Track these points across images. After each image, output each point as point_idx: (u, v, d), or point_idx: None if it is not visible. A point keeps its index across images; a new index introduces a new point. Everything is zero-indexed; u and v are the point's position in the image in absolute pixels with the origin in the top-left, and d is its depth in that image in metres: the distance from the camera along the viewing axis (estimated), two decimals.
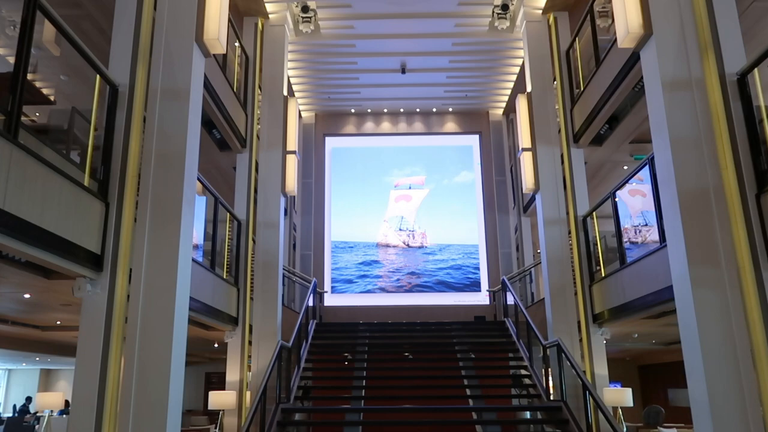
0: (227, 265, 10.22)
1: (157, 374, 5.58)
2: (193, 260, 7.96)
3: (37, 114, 7.36)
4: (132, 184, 6.33)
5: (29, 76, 4.90)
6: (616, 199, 9.65)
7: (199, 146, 6.84)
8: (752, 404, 5.48)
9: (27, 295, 7.89)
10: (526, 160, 11.23)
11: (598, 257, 10.38)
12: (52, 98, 8.58)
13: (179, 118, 6.41)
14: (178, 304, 5.86)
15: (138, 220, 6.13)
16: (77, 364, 5.71)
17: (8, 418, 17.15)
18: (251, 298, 10.41)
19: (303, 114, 16.49)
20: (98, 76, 6.17)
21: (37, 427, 9.43)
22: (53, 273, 5.81)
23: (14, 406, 21.09)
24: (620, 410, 9.20)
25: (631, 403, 9.06)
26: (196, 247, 8.91)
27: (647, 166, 8.02)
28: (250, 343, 9.99)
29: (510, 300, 11.82)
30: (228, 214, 10.28)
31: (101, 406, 5.59)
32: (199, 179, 8.31)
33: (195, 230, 8.78)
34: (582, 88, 10.54)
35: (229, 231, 10.46)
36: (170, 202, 6.14)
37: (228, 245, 10.36)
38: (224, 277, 9.87)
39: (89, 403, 5.58)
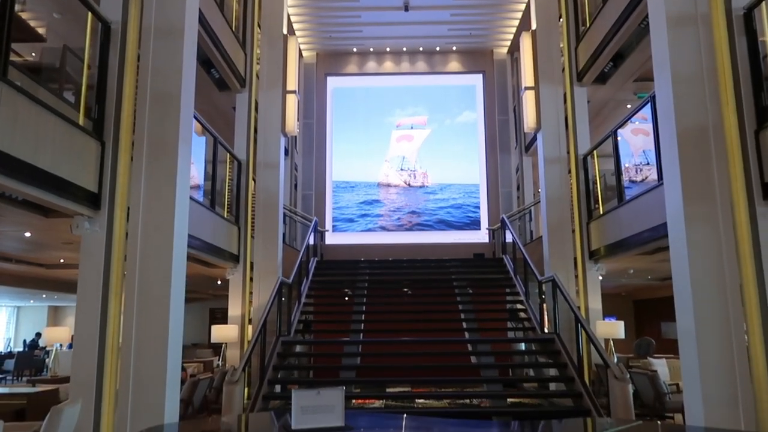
0: (228, 204, 10.31)
1: (157, 310, 5.73)
2: (193, 199, 8.04)
3: (33, 54, 7.25)
4: (127, 123, 6.30)
5: (21, 15, 4.80)
6: (618, 138, 9.63)
7: (196, 85, 6.77)
8: (737, 336, 5.63)
9: (27, 234, 8.02)
10: (528, 99, 11.14)
11: (597, 195, 10.45)
12: (44, 36, 8.42)
13: (174, 56, 6.31)
14: (177, 241, 5.95)
15: (134, 158, 6.14)
16: (78, 301, 5.86)
17: (19, 352, 17.76)
18: (252, 237, 10.55)
19: (304, 53, 16.17)
20: (90, 13, 6.04)
21: (47, 360, 9.77)
22: (51, 211, 5.87)
23: (24, 341, 21.78)
24: (612, 342, 9.48)
25: (623, 336, 9.32)
26: (197, 187, 9.00)
27: (649, 104, 7.97)
28: (251, 279, 10.21)
29: (509, 238, 11.96)
30: (228, 154, 10.29)
31: (103, 341, 5.78)
32: (197, 119, 8.28)
33: (195, 170, 8.83)
34: (588, 25, 10.31)
35: (229, 171, 10.50)
36: (166, 141, 6.13)
37: (228, 185, 10.42)
38: (225, 216, 9.97)
39: (91, 338, 5.76)
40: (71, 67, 6.34)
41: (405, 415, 2.79)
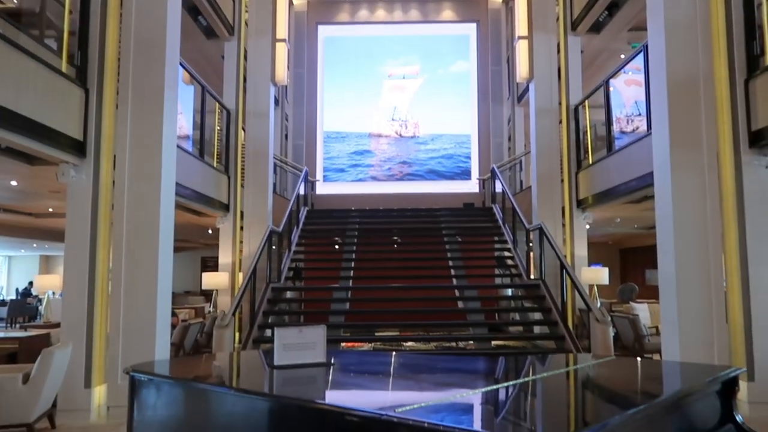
0: (217, 153, 10.26)
1: (145, 257, 5.79)
2: (182, 148, 7.99)
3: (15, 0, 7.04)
4: (112, 70, 6.21)
5: None
6: (610, 88, 9.59)
7: (183, 33, 6.63)
8: (716, 282, 5.78)
9: (14, 183, 7.98)
10: (521, 49, 11.01)
11: (587, 146, 10.48)
12: None
13: (157, 1, 6.15)
14: (164, 189, 5.95)
15: (119, 106, 6.08)
16: (66, 249, 5.91)
17: (11, 300, 17.92)
18: (242, 186, 10.55)
19: (294, 1, 15.75)
20: None
21: (39, 307, 9.89)
22: (36, 159, 5.85)
23: (17, 290, 21.95)
24: (596, 288, 9.70)
25: (606, 282, 9.53)
26: (186, 137, 8.93)
27: (642, 54, 7.91)
28: (241, 228, 10.27)
29: (498, 188, 12.02)
30: (217, 103, 10.18)
31: (92, 288, 5.86)
32: (184, 67, 8.14)
33: (183, 120, 8.75)
34: None
35: (218, 120, 10.41)
36: (152, 88, 6.05)
37: (217, 135, 10.35)
38: (214, 165, 9.94)
39: (80, 285, 5.83)
40: (52, 12, 6.19)
41: (393, 353, 2.89)
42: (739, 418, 2.15)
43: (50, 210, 10.66)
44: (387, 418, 1.49)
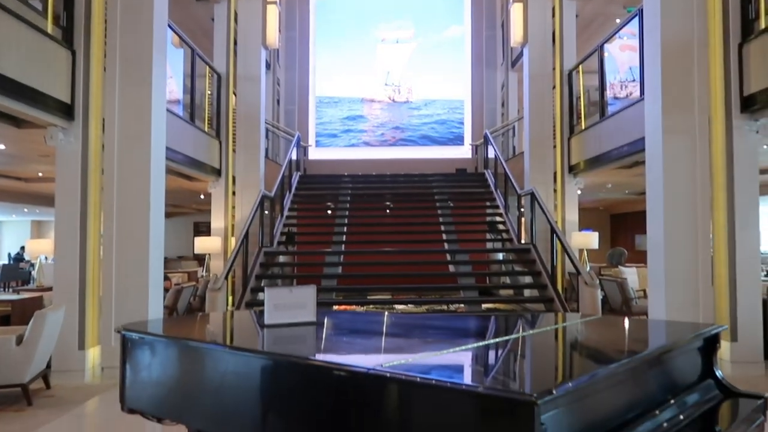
0: (208, 118, 10.16)
1: (136, 222, 5.78)
2: (172, 112, 7.91)
3: None
4: (98, 31, 6.08)
5: None
6: (604, 53, 9.52)
7: None
8: (703, 246, 5.85)
9: (2, 146, 7.89)
10: (516, 12, 10.85)
11: (580, 111, 10.45)
12: None
13: None
14: (154, 153, 5.91)
15: (107, 68, 5.98)
16: (57, 213, 5.88)
17: (4, 264, 17.89)
18: (234, 151, 10.49)
19: None
20: None
21: (32, 272, 9.90)
22: (24, 122, 5.77)
23: (9, 255, 21.89)
24: (585, 252, 9.80)
25: (596, 246, 9.63)
26: (176, 102, 8.83)
27: (637, 18, 7.83)
28: (233, 193, 10.25)
29: (491, 153, 11.99)
30: (207, 67, 10.03)
31: (84, 252, 5.85)
32: (173, 29, 7.98)
33: (173, 84, 8.64)
34: None
35: (209, 85, 10.27)
36: (140, 50, 5.95)
37: (208, 99, 10.23)
38: (205, 130, 9.85)
39: (71, 249, 5.83)
40: None
41: (385, 313, 2.93)
42: (719, 373, 2.21)
43: (40, 174, 10.57)
44: (375, 372, 1.51)
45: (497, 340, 2.15)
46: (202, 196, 12.92)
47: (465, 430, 1.30)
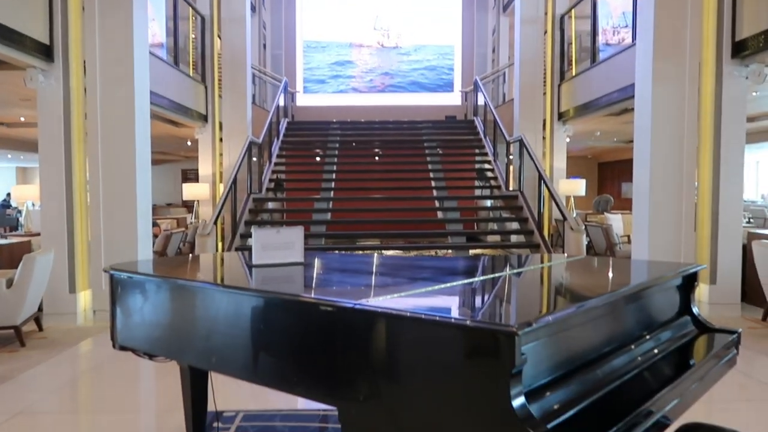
0: (192, 62, 9.93)
1: (122, 167, 5.71)
2: (155, 55, 7.71)
3: None
4: None
5: None
6: None
7: None
8: (688, 193, 5.92)
9: None
10: None
11: (571, 57, 10.32)
12: None
13: None
14: (138, 97, 5.78)
15: (86, 7, 5.77)
16: (41, 159, 5.79)
17: None
18: (220, 96, 10.30)
19: None
20: None
21: (19, 218, 9.84)
22: (2, 63, 5.60)
23: None
24: (572, 199, 9.89)
25: (583, 193, 9.70)
26: (159, 45, 8.59)
27: None
28: (221, 140, 10.13)
29: (481, 100, 11.89)
30: (190, 9, 9.72)
31: (70, 198, 5.80)
32: None
33: (156, 26, 8.38)
34: None
35: (192, 27, 9.99)
36: None
37: (192, 42, 9.96)
38: (190, 74, 9.64)
39: (58, 195, 5.77)
40: None
41: (374, 254, 2.96)
42: (695, 310, 2.28)
43: (22, 119, 10.36)
44: (361, 307, 1.54)
45: (483, 278, 2.19)
46: (189, 143, 12.77)
47: (451, 362, 1.34)
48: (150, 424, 3.35)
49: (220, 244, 8.40)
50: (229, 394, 3.63)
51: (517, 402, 1.25)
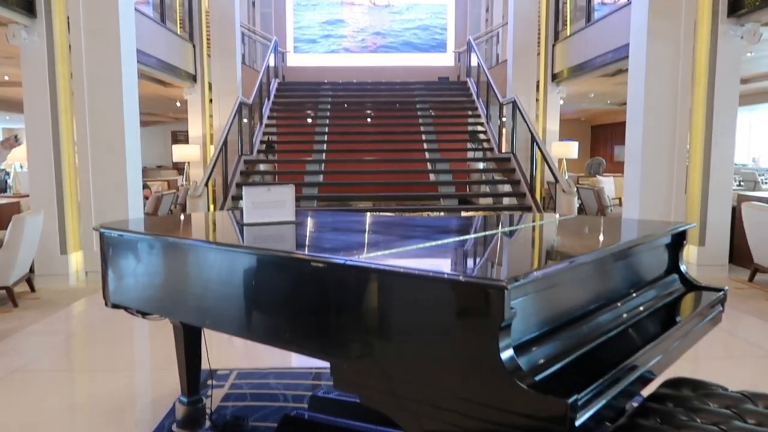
0: (180, 20, 9.71)
1: (110, 126, 5.63)
2: (141, 12, 7.52)
3: None
4: None
5: None
6: None
7: None
8: (679, 155, 5.93)
9: None
10: None
11: (566, 16, 10.17)
12: None
13: None
14: (124, 54, 5.66)
15: None
16: (27, 119, 5.70)
17: None
18: (208, 56, 10.12)
19: None
20: None
21: (8, 180, 9.74)
22: None
23: None
24: (565, 162, 9.89)
25: (576, 156, 9.70)
26: (146, 2, 8.38)
27: None
28: (210, 101, 10.00)
29: (474, 61, 11.73)
30: None
31: (58, 161, 5.73)
32: None
33: None
34: None
35: None
36: None
37: None
38: (177, 32, 9.44)
39: (45, 156, 5.70)
40: None
41: (367, 213, 2.95)
42: (683, 268, 2.30)
43: (6, 78, 10.14)
44: (352, 263, 1.54)
45: (475, 235, 2.20)
46: (178, 104, 12.59)
47: (442, 316, 1.36)
48: (145, 382, 3.40)
49: (211, 206, 8.38)
50: (223, 353, 3.67)
51: (506, 354, 1.27)
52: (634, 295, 1.96)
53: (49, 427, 2.74)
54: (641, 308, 1.93)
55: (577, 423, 1.22)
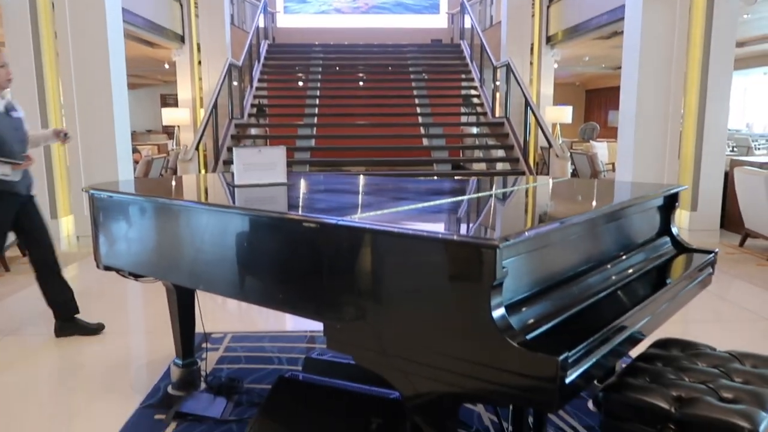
0: None
1: (98, 89, 5.52)
2: None
3: None
4: None
5: None
6: None
7: None
8: (673, 119, 5.90)
9: None
10: None
11: None
12: None
13: None
14: (110, 12, 5.50)
15: None
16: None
17: None
18: (197, 16, 9.89)
19: None
20: None
21: None
22: None
23: None
24: (559, 126, 9.85)
25: (569, 120, 9.65)
26: None
27: None
28: (199, 63, 9.82)
29: (468, 23, 11.54)
30: None
31: (45, 124, 5.63)
32: None
33: None
34: None
35: None
36: None
37: None
38: None
39: (31, 121, 5.56)
40: None
41: (360, 175, 2.93)
42: (674, 230, 2.31)
43: None
44: (345, 223, 1.53)
45: (468, 197, 2.19)
46: (166, 66, 12.35)
47: (435, 275, 1.36)
48: (140, 345, 3.42)
49: (203, 170, 8.31)
50: (218, 317, 3.69)
51: (498, 313, 1.27)
52: (624, 257, 1.97)
53: (44, 390, 2.76)
54: (631, 270, 1.94)
55: (567, 381, 1.24)
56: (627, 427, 1.60)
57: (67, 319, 3.41)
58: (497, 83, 9.31)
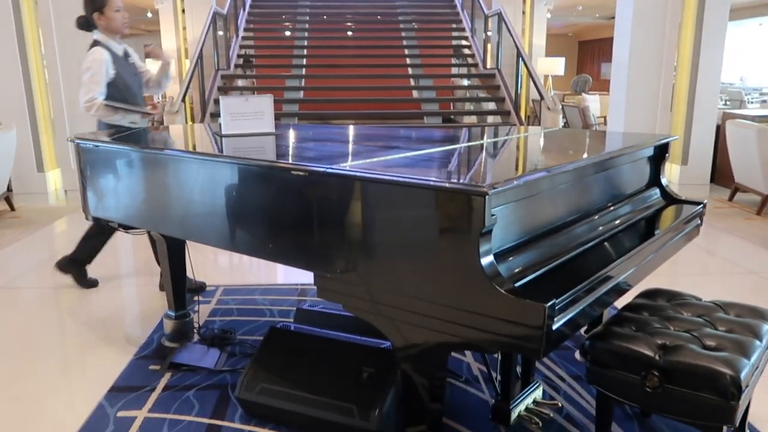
0: None
1: (79, 38, 5.33)
2: None
3: None
4: None
5: None
6: None
7: None
8: (666, 71, 5.84)
9: None
10: None
11: None
12: None
13: None
14: None
15: None
16: None
17: None
18: None
19: None
20: None
21: None
22: None
23: None
24: (551, 79, 9.74)
25: (562, 72, 9.54)
26: None
27: None
28: (183, 11, 9.53)
29: None
30: None
31: (27, 75, 5.49)
32: None
33: None
34: None
35: None
36: None
37: None
38: None
39: (12, 71, 5.45)
40: None
41: (350, 126, 2.90)
42: (664, 181, 2.32)
43: None
44: (334, 171, 1.52)
45: (458, 145, 2.18)
46: (149, 14, 12.00)
47: (424, 223, 1.35)
48: (132, 298, 3.43)
49: (189, 123, 8.18)
50: (209, 271, 3.70)
51: (486, 260, 1.28)
52: (613, 207, 1.98)
53: (39, 343, 2.78)
54: (620, 221, 1.95)
55: (554, 327, 1.26)
56: (612, 374, 1.63)
57: (76, 261, 3.37)
58: (488, 33, 9.12)
